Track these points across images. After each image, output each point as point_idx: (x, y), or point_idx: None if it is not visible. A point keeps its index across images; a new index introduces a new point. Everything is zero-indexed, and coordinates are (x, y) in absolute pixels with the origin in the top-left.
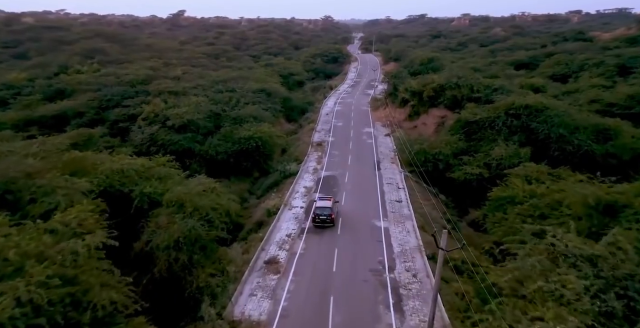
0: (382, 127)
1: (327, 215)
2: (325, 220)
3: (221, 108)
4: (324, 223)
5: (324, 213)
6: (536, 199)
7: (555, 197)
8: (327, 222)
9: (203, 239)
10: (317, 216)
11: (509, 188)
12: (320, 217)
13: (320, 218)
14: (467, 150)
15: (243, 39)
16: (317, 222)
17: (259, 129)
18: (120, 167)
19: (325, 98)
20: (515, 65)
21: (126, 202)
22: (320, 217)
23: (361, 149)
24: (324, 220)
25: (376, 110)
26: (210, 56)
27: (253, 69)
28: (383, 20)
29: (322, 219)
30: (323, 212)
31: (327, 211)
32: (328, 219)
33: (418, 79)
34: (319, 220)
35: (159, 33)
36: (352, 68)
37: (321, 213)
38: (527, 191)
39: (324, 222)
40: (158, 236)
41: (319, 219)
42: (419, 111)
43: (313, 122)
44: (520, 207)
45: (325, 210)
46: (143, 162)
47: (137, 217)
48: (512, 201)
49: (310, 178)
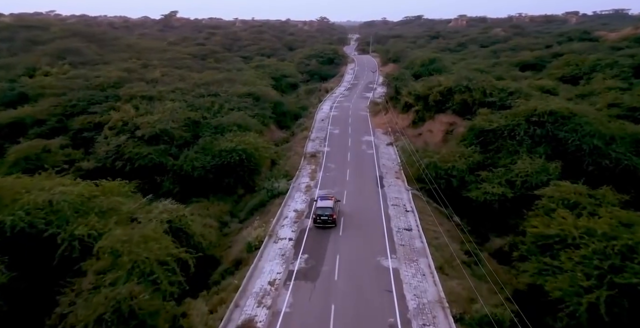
0: (383, 134)
1: (328, 216)
2: (327, 220)
3: (201, 115)
4: (326, 224)
5: (325, 213)
6: (598, 241)
7: (628, 241)
8: (328, 222)
9: (142, 312)
10: (318, 217)
11: (554, 222)
12: (321, 217)
13: (322, 218)
14: (483, 163)
15: (235, 39)
16: (319, 222)
17: (244, 140)
18: (50, 197)
19: (321, 102)
20: (521, 66)
21: (51, 248)
22: (322, 217)
23: (361, 161)
24: (325, 221)
25: (376, 116)
26: (197, 57)
27: (242, 70)
28: (379, 22)
29: (324, 220)
30: (324, 212)
31: (328, 211)
32: (329, 220)
33: (422, 81)
34: (320, 221)
35: (149, 34)
36: (348, 69)
37: (322, 214)
38: (580, 227)
39: (325, 223)
40: (76, 309)
41: (320, 220)
42: (424, 117)
43: (307, 130)
44: (578, 254)
45: (326, 210)
46: (84, 189)
47: (63, 273)
48: (562, 241)
49: (302, 199)
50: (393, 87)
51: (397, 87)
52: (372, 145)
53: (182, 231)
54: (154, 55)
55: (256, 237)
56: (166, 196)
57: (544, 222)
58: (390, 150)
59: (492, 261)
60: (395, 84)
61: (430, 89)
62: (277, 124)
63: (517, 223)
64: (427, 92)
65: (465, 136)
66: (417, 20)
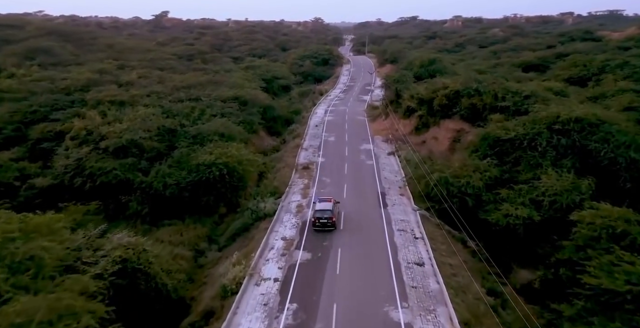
0: (383, 142)
1: (327, 218)
2: (326, 223)
3: (179, 122)
4: (325, 227)
5: (325, 216)
6: None
7: None
8: (328, 225)
9: None
10: (317, 220)
11: (618, 269)
12: (320, 220)
13: (321, 221)
14: (501, 179)
15: (226, 39)
16: (318, 226)
17: (226, 152)
18: None
19: (315, 105)
20: (523, 67)
21: None
22: (321, 220)
23: (360, 174)
24: (324, 224)
25: (375, 121)
26: (182, 58)
27: (231, 72)
28: (374, 23)
29: (323, 223)
30: (323, 215)
31: (327, 214)
32: (329, 223)
33: (426, 83)
34: (319, 224)
35: (138, 34)
36: (344, 71)
37: (321, 217)
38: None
39: (324, 226)
40: None
41: (319, 223)
42: (429, 123)
43: (299, 137)
44: None
45: (325, 213)
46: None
47: None
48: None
49: (291, 223)
50: (393, 90)
51: (398, 90)
52: (371, 154)
53: (140, 272)
54: (136, 56)
55: (233, 278)
56: (134, 218)
57: (603, 267)
58: (392, 160)
59: (519, 300)
60: (395, 86)
61: (434, 92)
62: (267, 130)
63: (547, 252)
64: (432, 95)
65: (477, 145)
66: (412, 21)
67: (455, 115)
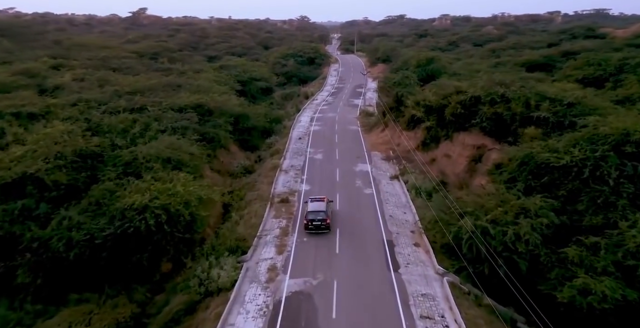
0: (383, 161)
1: (321, 220)
2: (320, 225)
3: (110, 142)
4: (319, 230)
5: (318, 217)
6: None
7: None
8: (321, 227)
9: None
10: (310, 222)
11: None
12: (313, 222)
13: (314, 223)
14: (563, 228)
15: (202, 37)
16: (311, 228)
17: (167, 188)
18: None
19: (299, 112)
20: (527, 67)
21: None
22: (314, 222)
23: (356, 210)
24: (318, 226)
25: (371, 132)
26: (145, 56)
27: (201, 72)
28: (361, 21)
29: (316, 225)
30: (317, 216)
31: (321, 215)
32: (323, 225)
33: (434, 87)
34: (313, 226)
35: (110, 31)
36: (332, 71)
37: (314, 218)
38: None
39: (318, 228)
40: None
41: (313, 225)
42: (439, 136)
43: (278, 154)
44: None
45: (319, 214)
46: None
47: None
48: None
49: (257, 306)
50: (393, 95)
51: (399, 95)
52: (370, 179)
53: None
54: (85, 54)
55: None
56: (23, 293)
57: None
58: (397, 187)
59: None
60: (396, 90)
61: (446, 98)
62: (240, 144)
63: None
64: (443, 102)
65: (512, 171)
66: (400, 19)
67: (473, 128)
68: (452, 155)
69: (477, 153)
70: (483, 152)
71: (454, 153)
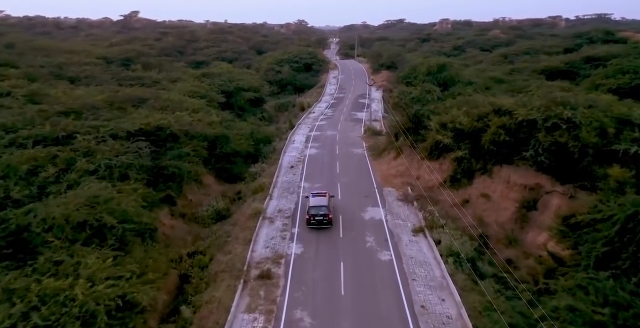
0: (400, 202)
1: (323, 215)
2: (322, 220)
3: (2, 192)
4: (321, 225)
5: (320, 212)
6: None
7: None
8: (324, 223)
9: None
10: (312, 217)
11: None
12: (315, 217)
13: (316, 219)
14: None
15: (191, 40)
16: (313, 223)
17: (57, 288)
18: None
19: (293, 128)
20: (547, 74)
21: None
22: (316, 217)
23: (369, 296)
24: (320, 221)
25: (380, 157)
26: (114, 62)
27: (179, 81)
28: (359, 25)
29: (319, 220)
30: (319, 211)
31: (323, 210)
32: (325, 220)
33: (462, 104)
34: (315, 221)
35: (97, 34)
36: (330, 78)
37: (316, 213)
38: None
39: (320, 223)
40: None
41: (315, 220)
42: (473, 169)
43: (263, 191)
44: None
45: (321, 209)
46: None
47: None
48: None
49: None
50: (410, 114)
51: (419, 114)
52: (385, 235)
53: None
54: (41, 60)
55: None
56: None
57: None
58: (425, 249)
59: None
60: (416, 110)
61: (481, 119)
62: (218, 173)
63: None
64: (477, 124)
65: (606, 236)
66: (399, 23)
67: (522, 161)
68: (492, 196)
69: (529, 196)
70: (539, 195)
71: (495, 193)
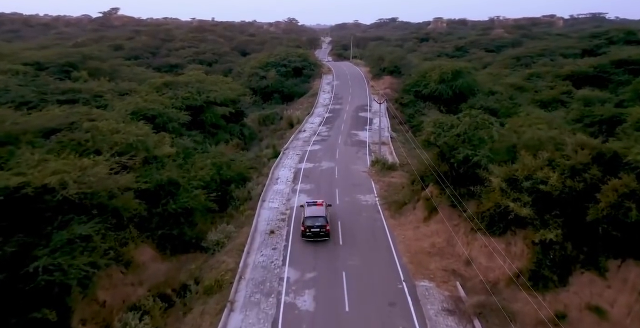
0: (451, 318)
1: (320, 227)
2: (319, 232)
3: None
4: (317, 237)
5: (316, 223)
6: None
7: None
8: (320, 235)
9: None
10: (308, 229)
11: None
12: (311, 229)
13: (312, 231)
14: None
15: (166, 40)
16: (309, 236)
17: None
18: None
19: (277, 158)
20: (573, 80)
21: None
22: (312, 229)
23: None
24: (316, 233)
25: (401, 216)
26: (50, 69)
27: (132, 94)
28: (351, 24)
29: (315, 232)
30: (315, 223)
31: (320, 221)
32: (322, 232)
33: (531, 144)
34: (311, 234)
35: (67, 33)
36: (324, 84)
37: (312, 225)
38: None
39: (317, 236)
40: None
41: (311, 232)
42: (570, 260)
43: (219, 289)
44: None
45: (317, 220)
46: None
47: None
48: None
49: None
50: (453, 160)
51: (469, 162)
52: None
53: None
54: None
55: None
56: None
57: None
58: None
59: None
60: (461, 152)
61: (579, 174)
62: (162, 241)
63: None
64: (576, 185)
65: None
66: (392, 22)
67: None
68: (610, 312)
69: None
70: None
71: (615, 306)
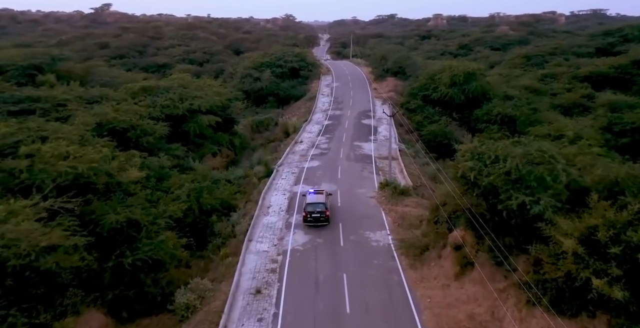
0: None
1: (320, 212)
2: (319, 218)
3: None
4: (318, 222)
5: (317, 209)
6: None
7: None
8: (321, 220)
9: None
10: (309, 214)
11: None
12: (312, 215)
13: (313, 216)
14: None
15: (155, 38)
16: (310, 221)
17: None
18: None
19: (270, 176)
20: (592, 81)
21: None
22: (313, 215)
23: None
24: (317, 219)
25: (423, 265)
26: (11, 72)
27: (103, 101)
28: (349, 21)
29: (315, 217)
30: (316, 208)
31: (320, 207)
32: (322, 217)
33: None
34: (312, 219)
35: (55, 29)
36: (323, 87)
37: (313, 211)
38: None
39: (317, 221)
40: None
41: (312, 217)
42: None
43: None
44: None
45: (318, 206)
46: None
47: None
48: None
49: None
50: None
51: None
52: None
53: None
54: None
55: None
56: None
57: None
58: None
59: None
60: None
61: None
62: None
63: None
64: None
65: None
66: (391, 19)
67: None
68: None
69: None
70: None
71: None
